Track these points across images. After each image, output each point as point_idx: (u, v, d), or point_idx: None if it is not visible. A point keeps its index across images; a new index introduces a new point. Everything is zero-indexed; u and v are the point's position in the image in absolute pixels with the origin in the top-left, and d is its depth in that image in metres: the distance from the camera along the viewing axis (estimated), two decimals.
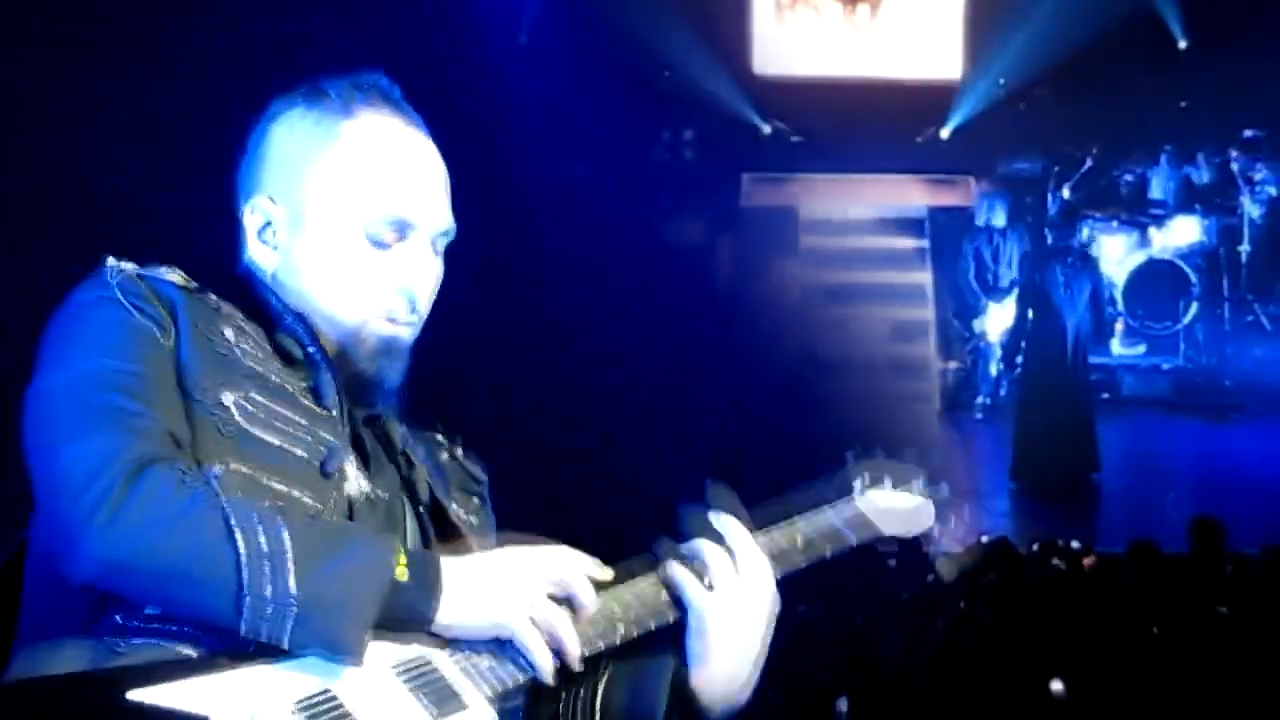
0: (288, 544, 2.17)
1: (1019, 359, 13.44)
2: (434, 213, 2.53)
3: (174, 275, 2.44)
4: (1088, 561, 8.78)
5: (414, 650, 2.32)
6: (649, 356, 12.68)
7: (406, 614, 2.25)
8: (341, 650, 2.19)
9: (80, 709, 2.15)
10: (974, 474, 12.96)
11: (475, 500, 2.72)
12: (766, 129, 17.03)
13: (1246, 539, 9.25)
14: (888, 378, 14.88)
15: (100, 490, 2.16)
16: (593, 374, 12.33)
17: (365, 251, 2.48)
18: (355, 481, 2.45)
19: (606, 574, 2.42)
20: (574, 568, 2.38)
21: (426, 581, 2.26)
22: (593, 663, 2.42)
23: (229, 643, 2.18)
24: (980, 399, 14.46)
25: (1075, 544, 9.19)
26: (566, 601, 2.36)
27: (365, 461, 2.51)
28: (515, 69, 14.74)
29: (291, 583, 2.16)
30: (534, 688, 2.39)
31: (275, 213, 2.52)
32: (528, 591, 2.32)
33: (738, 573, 2.52)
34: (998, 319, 14.25)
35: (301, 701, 2.19)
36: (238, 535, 2.16)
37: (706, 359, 13.02)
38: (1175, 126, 15.75)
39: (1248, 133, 15.23)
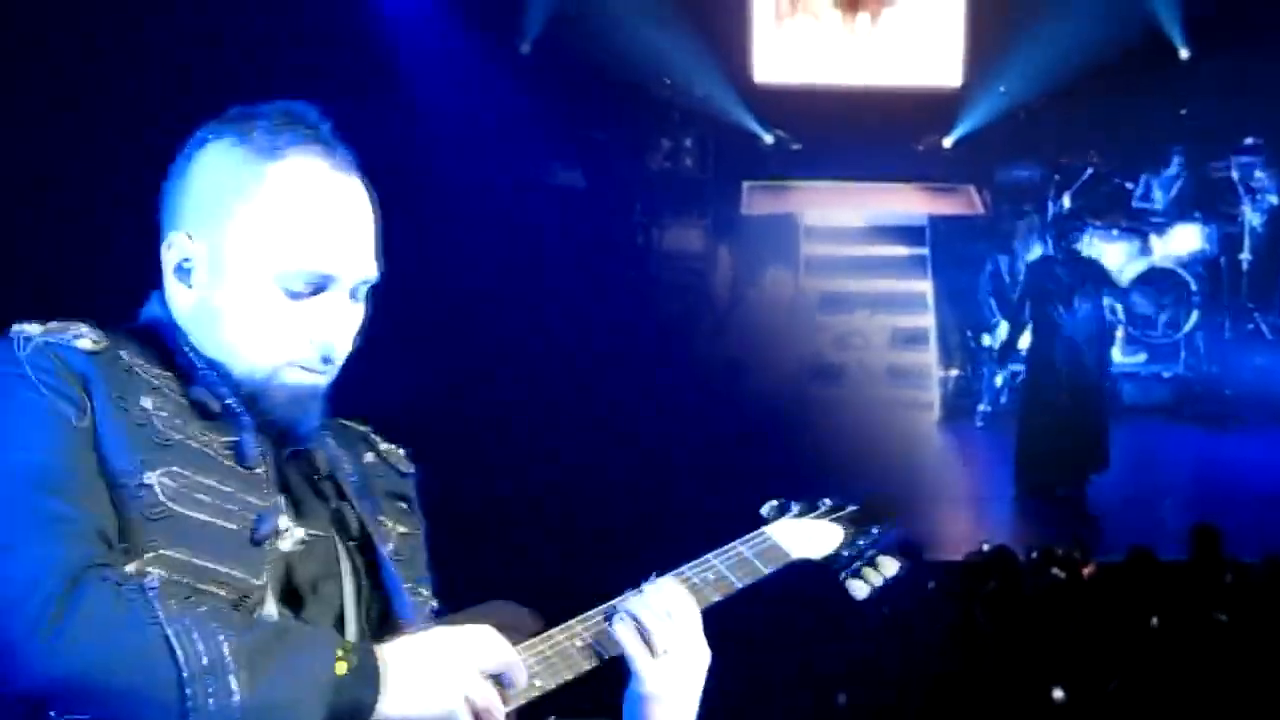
0: (227, 655, 2.15)
1: (1017, 366, 13.48)
2: (355, 264, 2.45)
3: (83, 341, 2.36)
4: (1087, 570, 8.77)
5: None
6: (649, 365, 12.68)
7: (349, 707, 2.23)
8: None
9: None
10: (974, 481, 12.97)
11: (402, 504, 2.69)
12: (768, 139, 17.01)
13: (1246, 548, 9.25)
14: (888, 385, 14.89)
15: (36, 607, 2.13)
16: (592, 383, 12.33)
17: (279, 302, 2.41)
18: (289, 534, 2.44)
19: (521, 671, 2.42)
20: (502, 648, 2.38)
21: (367, 675, 2.25)
22: None
23: None
24: (981, 406, 14.46)
25: (1076, 553, 9.19)
26: (497, 679, 2.37)
27: (295, 503, 2.49)
28: (516, 78, 14.74)
29: (235, 696, 2.14)
30: None
31: (193, 250, 2.44)
32: (463, 675, 2.32)
33: (682, 640, 2.57)
34: (1004, 332, 14.22)
35: None
36: (177, 651, 2.14)
37: (707, 367, 13.02)
38: (1176, 134, 15.75)
39: (1248, 140, 15.22)
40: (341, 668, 2.22)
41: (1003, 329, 14.09)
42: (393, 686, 2.26)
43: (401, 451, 2.76)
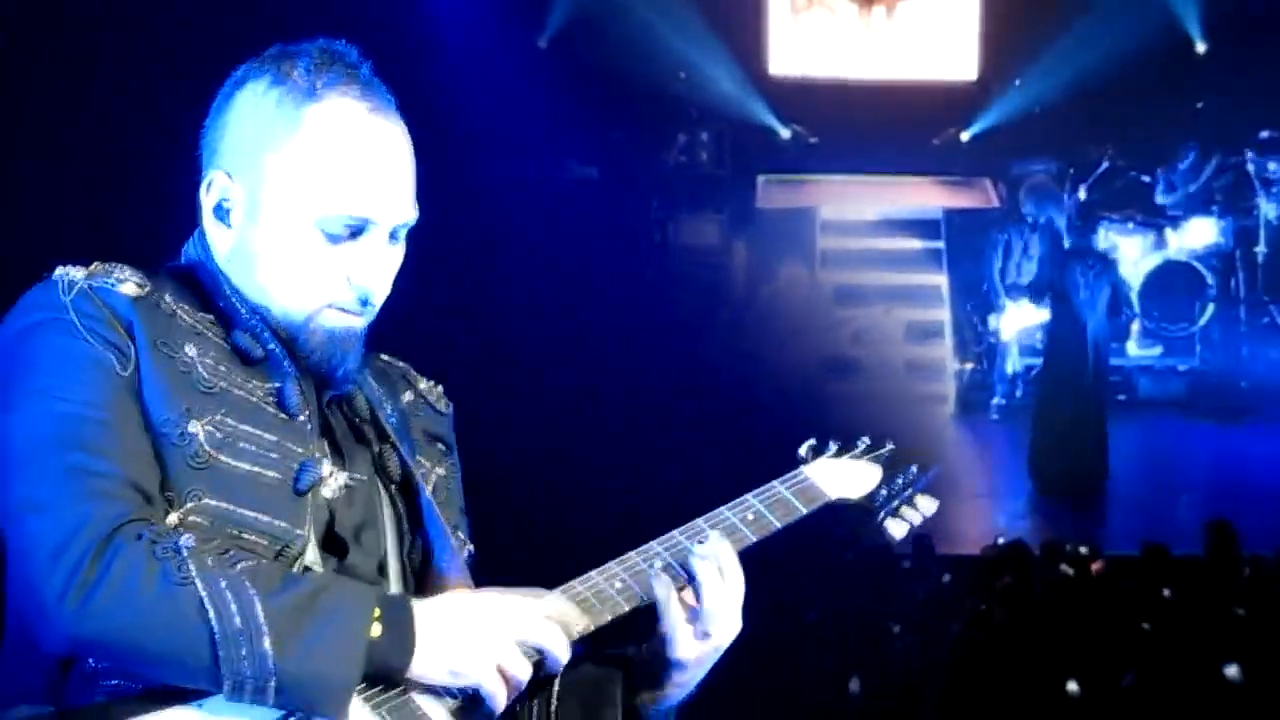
0: (261, 617, 2.16)
1: (1032, 359, 13.50)
2: (394, 208, 2.44)
3: (128, 285, 2.36)
4: (1096, 566, 8.76)
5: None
6: (665, 358, 12.68)
7: (380, 669, 2.25)
8: (325, 714, 2.20)
9: None
10: (990, 475, 12.95)
11: (440, 445, 2.70)
12: (784, 132, 17.01)
13: (1262, 542, 9.24)
14: (903, 379, 14.88)
15: (68, 568, 2.14)
16: (609, 376, 12.34)
17: (318, 244, 2.41)
18: (331, 480, 2.43)
19: (582, 620, 2.41)
20: (545, 625, 2.36)
21: (401, 638, 2.26)
22: (543, 680, 2.44)
23: None
24: (996, 400, 14.45)
25: (1083, 549, 9.18)
26: (538, 653, 2.36)
27: (337, 447, 2.49)
28: (534, 72, 14.75)
29: (270, 658, 2.15)
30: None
31: (232, 191, 2.44)
32: (500, 644, 2.31)
33: (723, 611, 2.51)
34: (1014, 318, 14.23)
35: None
36: (211, 613, 2.14)
37: (722, 360, 13.02)
38: (1192, 127, 15.72)
39: (1264, 134, 15.19)
40: (376, 629, 2.23)
41: (1011, 316, 14.08)
42: (426, 648, 2.27)
43: (439, 389, 2.76)
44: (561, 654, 2.37)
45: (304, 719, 2.20)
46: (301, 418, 2.42)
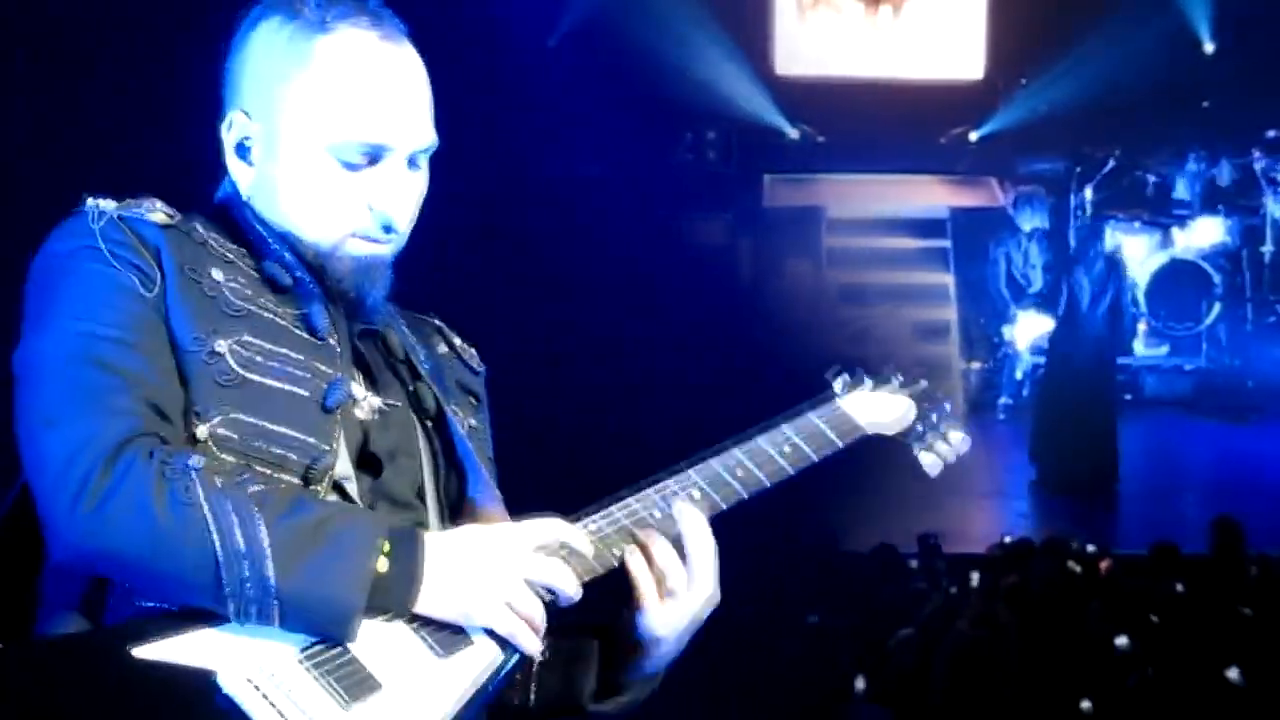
0: (265, 543, 2.17)
1: (1038, 358, 13.51)
2: (410, 132, 2.46)
3: (156, 213, 2.41)
4: (1104, 564, 8.76)
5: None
6: (671, 357, 12.68)
7: (387, 603, 2.25)
8: (332, 637, 2.21)
9: (85, 666, 2.17)
10: (996, 475, 12.95)
11: (472, 400, 2.72)
12: (793, 133, 17.02)
13: (1269, 541, 9.24)
14: None
15: (77, 481, 2.17)
16: (615, 375, 12.34)
17: (336, 173, 2.43)
18: (365, 403, 2.47)
19: (570, 579, 2.39)
20: (554, 563, 2.37)
21: (408, 571, 2.27)
22: None
23: None
24: (1003, 400, 14.44)
25: (1091, 547, 9.18)
26: (549, 592, 2.36)
27: (370, 376, 2.51)
28: (542, 71, 14.76)
29: (272, 581, 2.17)
30: None
31: (251, 129, 2.47)
32: (508, 580, 2.32)
33: (690, 585, 2.50)
34: (1026, 326, 14.20)
35: (307, 650, 2.22)
36: (214, 536, 2.16)
37: (729, 359, 13.02)
38: (1198, 127, 15.71)
39: (1270, 133, 15.17)
40: (383, 564, 2.24)
41: (1023, 325, 14.08)
42: (433, 585, 2.28)
43: (473, 350, 2.79)
44: (573, 592, 2.38)
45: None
46: (331, 340, 2.44)
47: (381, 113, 2.43)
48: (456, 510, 2.55)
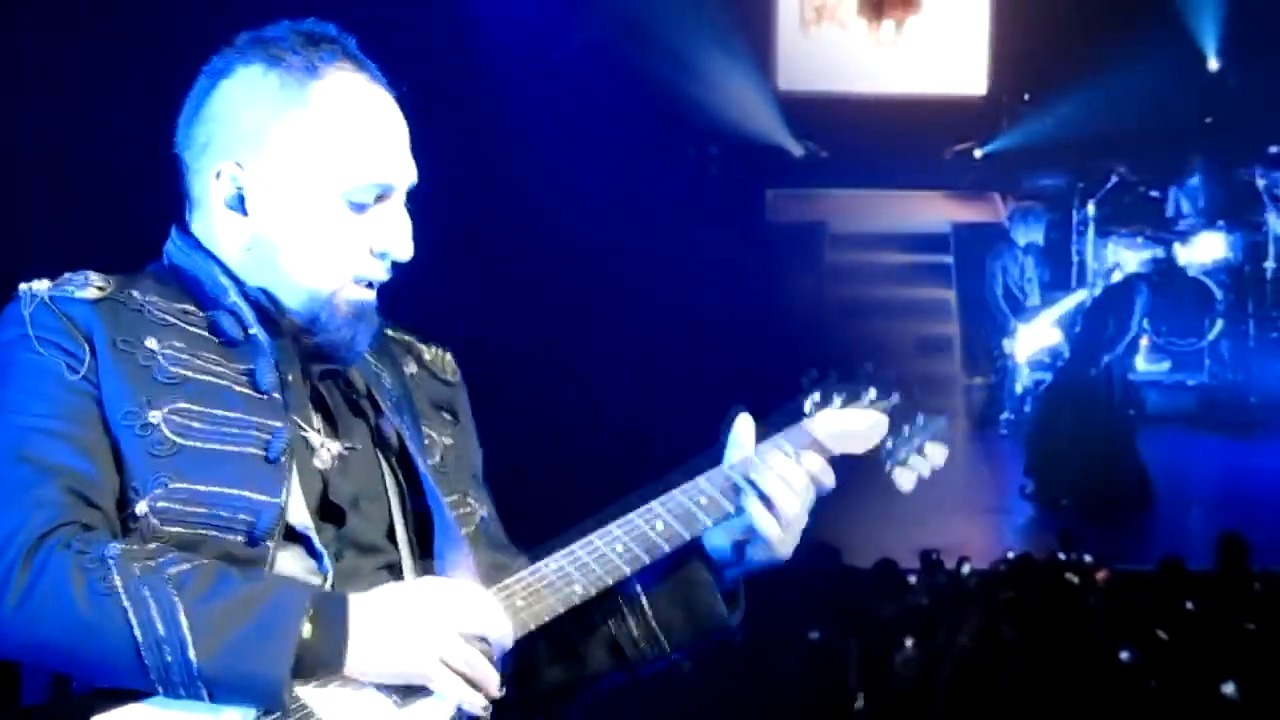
0: (184, 626, 2.19)
1: (1041, 375, 13.52)
2: (408, 170, 2.51)
3: (87, 290, 2.40)
4: (1101, 575, 8.74)
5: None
6: (674, 371, 12.68)
7: (316, 669, 2.26)
8: (262, 708, 2.23)
9: None
10: (999, 491, 12.94)
11: (446, 415, 2.69)
12: (796, 149, 17.03)
13: (1273, 556, 9.23)
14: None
15: (0, 577, 2.20)
16: (618, 389, 12.34)
17: (345, 216, 2.44)
18: (323, 450, 2.46)
19: (505, 627, 2.39)
20: (483, 608, 2.37)
21: (334, 636, 2.27)
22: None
23: None
24: (1005, 415, 14.42)
25: (1088, 557, 9.16)
26: (483, 640, 2.35)
27: (331, 419, 2.51)
28: (547, 85, 14.78)
29: (194, 662, 2.19)
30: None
31: (246, 179, 2.45)
32: (437, 636, 2.31)
33: (795, 490, 2.60)
34: (1026, 339, 14.19)
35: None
36: (134, 623, 2.18)
37: (731, 374, 13.01)
38: (1201, 143, 15.71)
39: (1273, 149, 15.16)
40: (308, 630, 2.24)
41: (1023, 338, 14.07)
42: (361, 647, 2.28)
43: (448, 358, 2.76)
44: (506, 638, 2.38)
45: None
46: (276, 394, 2.43)
47: (388, 152, 2.47)
48: (425, 550, 2.53)
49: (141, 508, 2.30)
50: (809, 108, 17.08)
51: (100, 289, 2.41)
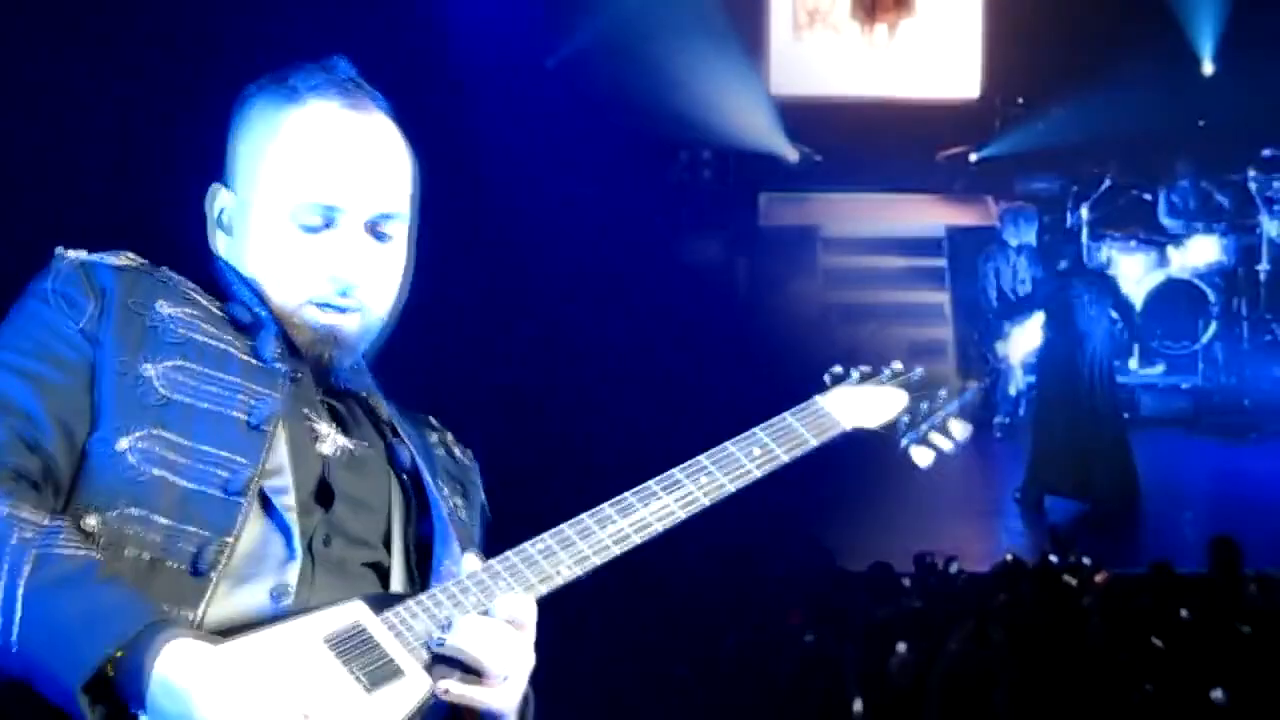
0: (18, 604, 2.18)
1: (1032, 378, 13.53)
2: (366, 196, 2.50)
3: (120, 258, 2.48)
4: (1100, 578, 8.74)
5: (348, 619, 2.31)
6: (665, 376, 12.68)
7: (124, 694, 2.19)
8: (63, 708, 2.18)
9: None
10: (994, 493, 12.94)
11: (460, 487, 2.69)
12: (788, 150, 17.01)
13: (1267, 559, 9.22)
14: None
15: None
16: (610, 393, 12.33)
17: (296, 238, 2.49)
18: (329, 439, 2.48)
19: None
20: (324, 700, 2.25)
21: (129, 685, 2.17)
22: None
23: None
24: (999, 418, 14.42)
25: (1086, 560, 9.16)
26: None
27: (343, 425, 2.53)
28: (540, 91, 14.79)
29: (13, 643, 2.18)
30: None
31: (227, 201, 2.56)
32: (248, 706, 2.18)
33: (522, 659, 2.39)
34: (1018, 341, 14.20)
35: None
36: None
37: (724, 378, 13.01)
38: (1194, 145, 15.72)
39: (1266, 152, 15.17)
40: (110, 669, 2.17)
41: (1015, 339, 14.08)
42: (159, 693, 2.17)
43: (469, 450, 2.77)
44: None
45: None
46: (276, 365, 2.47)
47: (334, 174, 2.49)
48: (424, 563, 2.51)
49: (123, 444, 2.34)
50: (802, 111, 17.07)
51: (130, 260, 2.49)
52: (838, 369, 2.78)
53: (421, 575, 2.50)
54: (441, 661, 2.34)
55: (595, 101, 14.96)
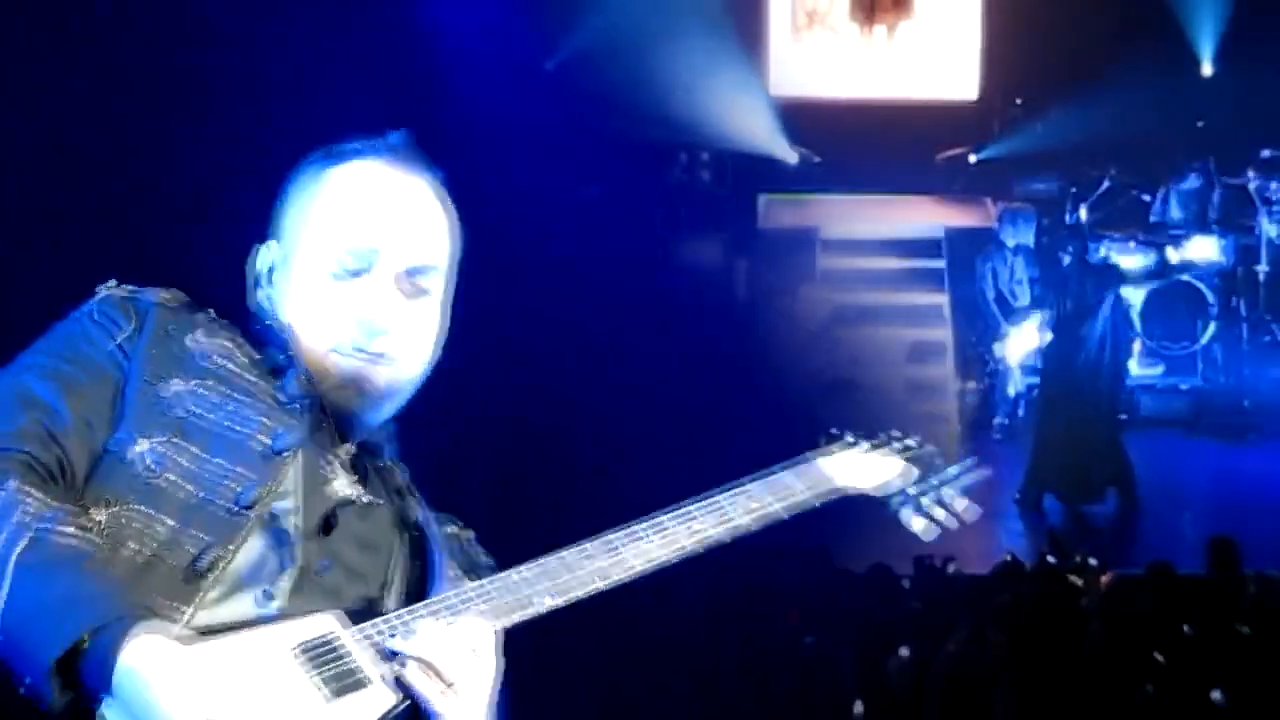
0: (8, 576, 2.22)
1: (1034, 379, 13.53)
2: (401, 244, 2.53)
3: (161, 293, 2.54)
4: (1105, 579, 8.74)
5: (320, 629, 2.33)
6: (667, 378, 12.68)
7: (91, 678, 2.21)
8: (33, 686, 2.20)
9: None
10: (993, 495, 12.93)
11: (467, 561, 2.68)
12: (787, 152, 17.02)
13: (1267, 560, 9.22)
14: (905, 398, 14.84)
15: None
16: (610, 395, 12.33)
17: (328, 285, 2.51)
18: (343, 483, 2.50)
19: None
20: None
21: (98, 666, 2.20)
22: None
23: None
24: (998, 420, 14.43)
25: (1092, 560, 9.16)
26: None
27: (360, 478, 2.54)
28: (539, 94, 14.80)
29: (1, 595, 2.21)
30: None
31: (272, 255, 2.59)
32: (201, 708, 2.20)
33: (478, 664, 2.41)
34: (1017, 342, 14.21)
35: None
36: None
37: (724, 381, 13.01)
38: (1193, 146, 15.72)
39: (1265, 153, 15.16)
40: (79, 652, 2.20)
41: (1013, 341, 14.09)
42: (124, 691, 2.20)
43: (491, 559, 2.74)
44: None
45: None
46: (297, 405, 2.49)
47: (371, 220, 2.53)
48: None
49: (141, 446, 2.38)
50: (801, 113, 17.08)
51: (171, 297, 2.55)
52: (833, 430, 2.82)
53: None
54: (412, 676, 2.36)
55: (594, 103, 14.98)
